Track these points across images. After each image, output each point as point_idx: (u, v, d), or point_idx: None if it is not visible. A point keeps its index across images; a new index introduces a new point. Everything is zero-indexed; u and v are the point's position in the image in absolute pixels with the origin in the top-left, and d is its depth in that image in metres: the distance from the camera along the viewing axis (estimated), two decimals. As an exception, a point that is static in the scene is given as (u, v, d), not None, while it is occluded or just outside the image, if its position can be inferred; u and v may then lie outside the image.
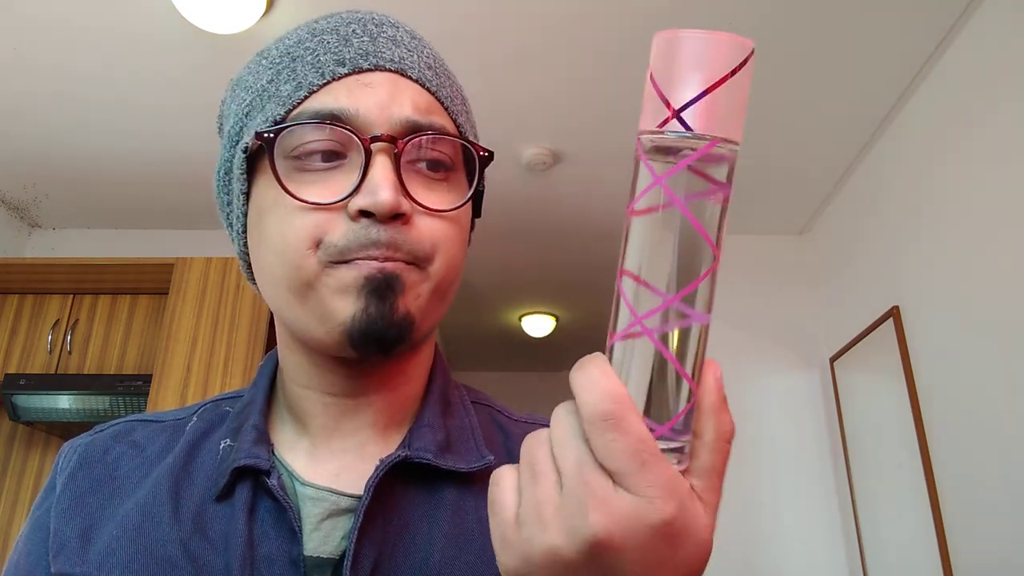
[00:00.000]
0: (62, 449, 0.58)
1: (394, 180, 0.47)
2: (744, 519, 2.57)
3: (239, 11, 1.83)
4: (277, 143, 0.49)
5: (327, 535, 0.49)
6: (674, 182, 0.32)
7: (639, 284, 0.33)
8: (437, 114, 0.52)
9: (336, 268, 0.48)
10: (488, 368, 5.03)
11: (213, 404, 0.61)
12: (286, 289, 0.50)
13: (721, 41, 0.32)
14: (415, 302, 0.49)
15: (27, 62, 2.09)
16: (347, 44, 0.51)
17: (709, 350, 0.34)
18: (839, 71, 2.12)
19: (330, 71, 0.50)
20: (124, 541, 0.49)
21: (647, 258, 0.33)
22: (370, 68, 0.51)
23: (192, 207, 2.83)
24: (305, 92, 0.50)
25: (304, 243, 0.48)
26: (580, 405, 0.32)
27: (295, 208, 0.48)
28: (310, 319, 0.49)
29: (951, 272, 1.99)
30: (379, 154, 0.48)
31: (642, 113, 0.33)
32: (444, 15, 1.93)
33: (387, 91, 0.50)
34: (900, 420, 2.19)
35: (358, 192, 0.47)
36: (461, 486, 0.52)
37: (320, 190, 0.48)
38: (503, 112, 2.29)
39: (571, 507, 0.31)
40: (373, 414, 0.54)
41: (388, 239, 0.47)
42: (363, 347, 0.48)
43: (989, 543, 1.81)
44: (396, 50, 0.52)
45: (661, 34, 0.33)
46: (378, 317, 0.47)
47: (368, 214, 0.47)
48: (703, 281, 0.32)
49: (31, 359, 2.54)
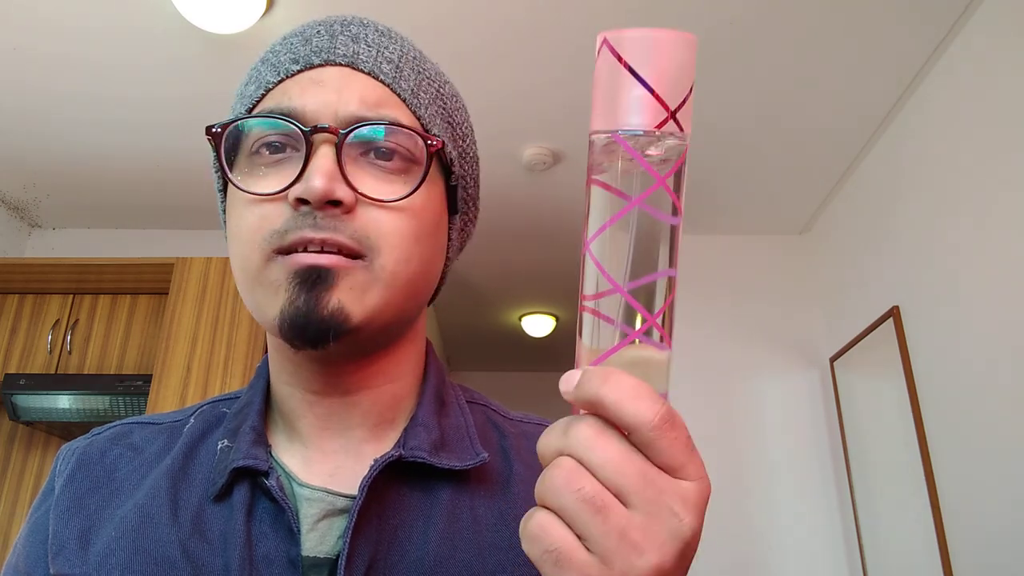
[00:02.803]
0: (60, 452, 0.59)
1: (330, 168, 0.47)
2: (744, 519, 2.57)
3: (239, 11, 1.83)
4: (228, 140, 0.51)
5: (323, 535, 0.50)
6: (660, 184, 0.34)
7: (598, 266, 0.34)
8: (390, 107, 0.52)
9: (276, 260, 0.48)
10: (488, 368, 5.03)
11: (210, 405, 0.61)
12: (240, 279, 0.51)
13: (666, 38, 0.33)
14: (352, 297, 0.48)
15: (27, 62, 2.09)
16: (306, 43, 0.53)
17: (710, 352, 0.35)
18: (839, 71, 2.12)
19: (284, 69, 0.52)
20: (123, 542, 0.49)
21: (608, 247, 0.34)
22: (321, 63, 0.52)
23: (192, 207, 2.83)
24: (263, 90, 0.52)
25: (251, 234, 0.49)
26: (630, 415, 0.32)
27: (246, 201, 0.50)
28: (257, 309, 0.50)
29: (951, 272, 1.99)
30: (321, 144, 0.48)
31: (618, 111, 0.33)
32: (445, 15, 1.93)
33: (335, 86, 0.51)
34: (900, 420, 2.19)
35: (298, 181, 0.48)
36: (456, 484, 0.52)
37: (268, 182, 0.49)
38: (503, 112, 2.29)
39: (660, 520, 0.32)
40: (360, 414, 0.54)
41: (326, 224, 0.47)
42: (292, 339, 0.48)
43: (989, 543, 1.81)
44: (352, 46, 0.53)
45: (609, 34, 0.34)
46: (304, 309, 0.47)
47: (305, 201, 0.47)
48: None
49: (31, 359, 2.55)
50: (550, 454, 0.34)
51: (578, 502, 0.32)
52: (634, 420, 0.32)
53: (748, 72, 2.13)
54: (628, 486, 0.32)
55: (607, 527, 0.31)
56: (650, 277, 0.34)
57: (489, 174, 2.69)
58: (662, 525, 0.32)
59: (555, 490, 0.32)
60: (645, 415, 0.32)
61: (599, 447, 0.32)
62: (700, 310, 2.86)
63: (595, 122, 0.34)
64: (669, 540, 0.32)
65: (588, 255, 0.34)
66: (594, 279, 0.34)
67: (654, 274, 0.34)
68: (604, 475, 0.32)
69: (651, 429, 0.32)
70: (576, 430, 0.33)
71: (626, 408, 0.32)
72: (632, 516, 0.31)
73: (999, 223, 1.80)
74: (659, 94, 0.33)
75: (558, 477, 0.32)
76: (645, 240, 0.34)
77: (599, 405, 0.32)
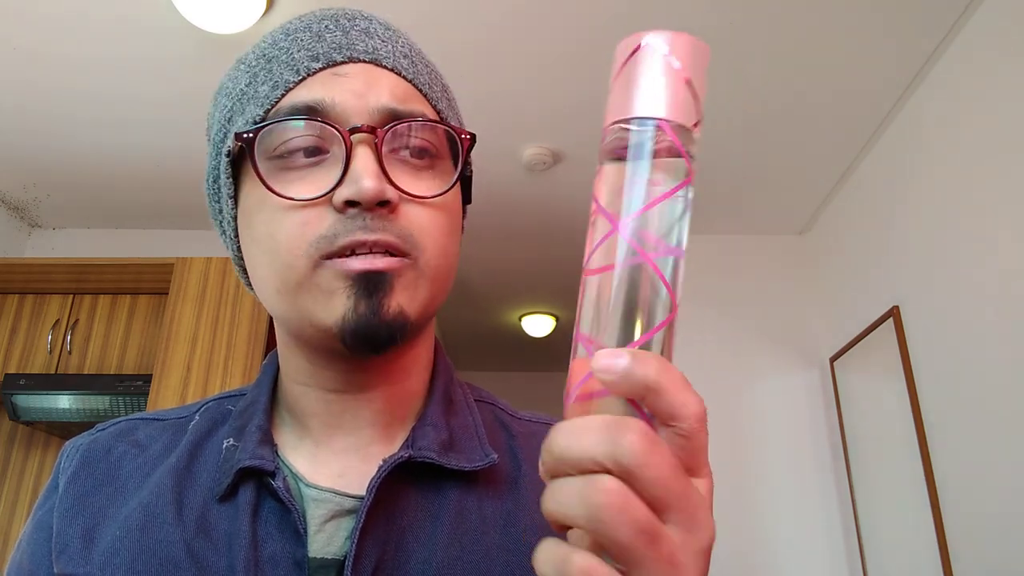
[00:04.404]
0: (64, 448, 0.58)
1: (377, 168, 0.47)
2: (744, 519, 2.57)
3: (239, 11, 1.83)
4: (257, 143, 0.49)
5: (331, 536, 0.49)
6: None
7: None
8: (416, 101, 0.52)
9: (325, 266, 0.47)
10: (488, 368, 5.03)
11: (216, 402, 0.60)
12: (278, 289, 0.49)
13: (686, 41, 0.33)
14: (407, 296, 0.48)
15: (28, 62, 2.08)
16: (320, 40, 0.51)
17: (710, 352, 0.34)
18: (839, 71, 2.12)
19: (304, 67, 0.50)
20: (127, 542, 0.49)
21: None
22: (344, 60, 0.51)
23: (192, 207, 2.83)
24: (282, 90, 0.50)
25: (293, 241, 0.48)
26: (680, 405, 0.30)
27: (281, 207, 0.48)
28: (303, 319, 0.49)
29: (951, 272, 1.99)
30: (360, 145, 0.48)
31: (660, 103, 0.32)
32: (445, 13, 1.93)
33: (363, 80, 0.50)
34: (900, 420, 2.19)
35: (342, 183, 0.47)
36: (464, 485, 0.52)
37: (305, 186, 0.48)
38: (503, 112, 2.29)
39: (695, 535, 0.30)
40: (374, 412, 0.54)
41: (376, 226, 0.47)
42: (355, 347, 0.48)
43: (989, 543, 1.81)
44: (369, 41, 0.52)
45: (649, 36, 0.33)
46: (369, 315, 0.46)
47: (354, 203, 0.47)
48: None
49: (31, 359, 2.54)
50: (581, 462, 0.29)
51: (634, 535, 0.28)
52: (686, 411, 0.30)
53: (748, 72, 2.13)
54: (673, 504, 0.29)
55: (659, 555, 0.28)
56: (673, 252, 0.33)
57: (489, 174, 2.70)
58: (696, 539, 0.30)
59: (607, 521, 0.28)
60: (695, 407, 0.30)
61: (654, 463, 0.29)
62: (700, 310, 2.86)
63: (623, 110, 0.33)
64: (702, 553, 0.30)
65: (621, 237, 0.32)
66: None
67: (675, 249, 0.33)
68: (654, 494, 0.29)
69: (697, 421, 0.30)
70: (629, 438, 0.28)
71: (678, 397, 0.30)
72: (674, 535, 0.29)
73: (999, 223, 1.80)
74: (699, 97, 0.33)
75: (612, 505, 0.28)
76: (674, 228, 0.33)
77: (657, 391, 0.30)
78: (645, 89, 0.32)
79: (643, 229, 0.32)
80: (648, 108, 0.32)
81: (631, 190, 0.32)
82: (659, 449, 0.29)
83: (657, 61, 0.33)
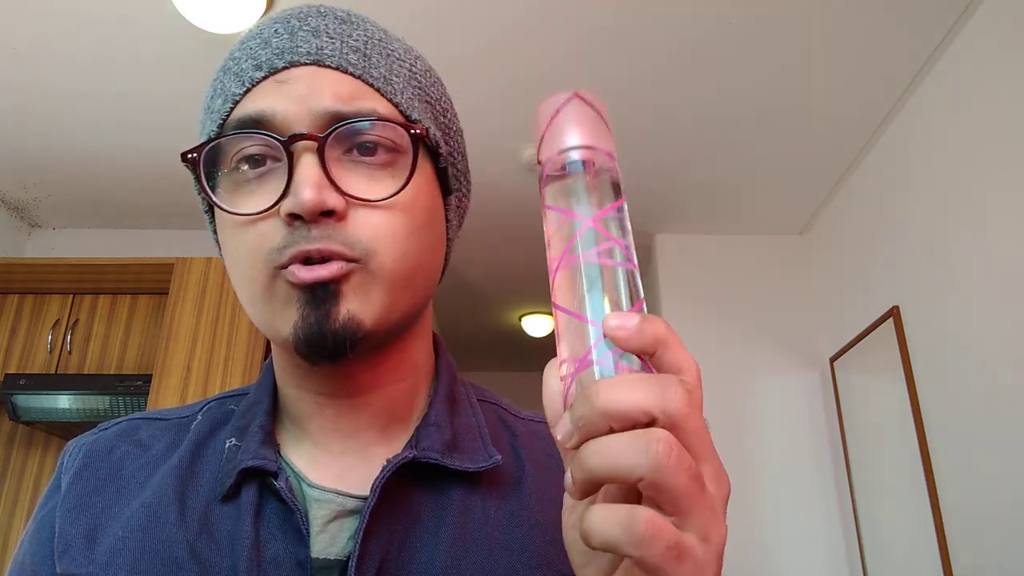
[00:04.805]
0: (67, 447, 0.58)
1: (317, 178, 0.46)
2: (744, 519, 2.57)
3: (239, 11, 1.83)
4: (209, 159, 0.49)
5: (334, 537, 0.49)
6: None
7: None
8: (365, 98, 0.49)
9: (280, 276, 0.47)
10: (488, 368, 5.02)
11: (218, 402, 0.60)
12: (248, 301, 0.50)
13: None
14: (358, 303, 0.47)
15: (28, 63, 2.09)
16: (266, 46, 0.50)
17: (709, 352, 0.36)
18: (839, 71, 2.13)
19: (248, 77, 0.49)
20: (130, 542, 0.49)
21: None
22: (285, 66, 0.49)
23: (192, 207, 2.80)
24: (231, 104, 0.49)
25: (253, 254, 0.48)
26: (685, 358, 0.33)
27: (237, 222, 0.48)
28: (268, 328, 0.49)
29: (951, 272, 1.99)
30: (304, 153, 0.46)
31: (597, 137, 0.37)
32: (444, 14, 1.93)
33: (305, 86, 0.48)
34: (900, 420, 2.19)
35: (286, 195, 0.46)
36: (468, 486, 0.52)
37: (257, 200, 0.47)
38: (503, 112, 2.29)
39: (720, 483, 0.33)
40: (370, 416, 0.54)
41: (320, 235, 0.46)
42: (309, 356, 0.47)
43: (989, 543, 1.81)
44: (314, 41, 0.50)
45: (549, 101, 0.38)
46: (316, 325, 0.46)
47: (298, 216, 0.46)
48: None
49: (31, 359, 2.54)
50: (632, 414, 0.30)
51: (690, 480, 0.30)
52: (688, 364, 0.33)
53: (748, 72, 2.13)
54: (706, 455, 0.31)
55: (705, 503, 0.30)
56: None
57: (489, 174, 2.70)
58: (721, 490, 0.33)
59: (668, 469, 0.29)
60: (694, 363, 0.33)
61: (694, 414, 0.31)
62: (700, 310, 2.86)
63: (553, 146, 0.37)
64: (724, 503, 0.33)
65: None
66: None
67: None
68: (693, 444, 0.31)
69: (697, 376, 0.33)
70: (674, 390, 0.30)
71: (682, 352, 0.33)
72: (708, 486, 0.31)
73: (999, 223, 1.80)
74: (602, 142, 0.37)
75: (671, 453, 0.29)
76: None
77: (663, 344, 0.32)
78: (557, 132, 0.37)
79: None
80: (559, 144, 0.37)
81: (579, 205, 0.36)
82: (696, 402, 0.31)
83: (581, 109, 0.37)
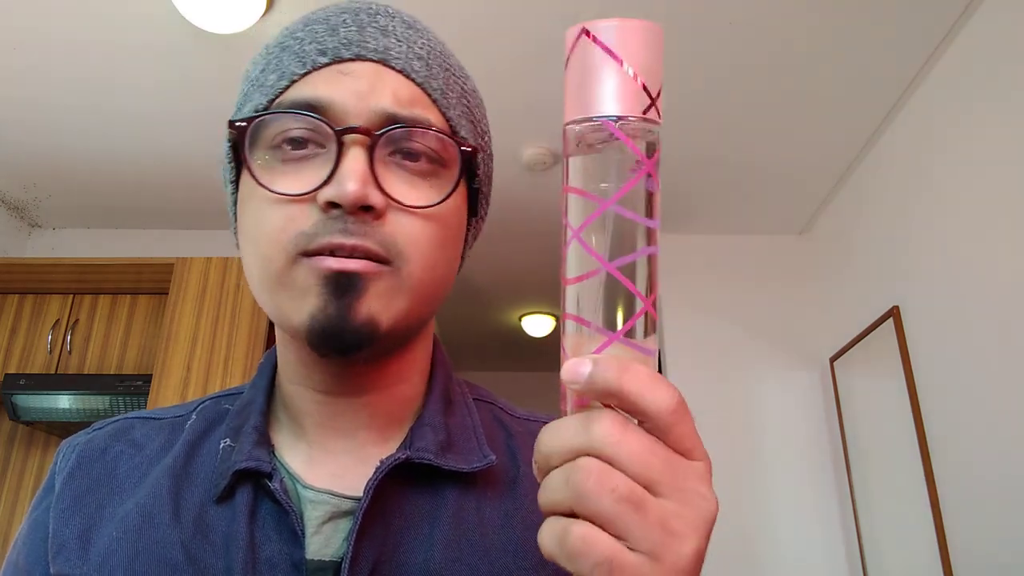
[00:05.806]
0: (60, 447, 0.58)
1: (363, 172, 0.46)
2: (743, 519, 2.57)
3: (239, 11, 1.83)
4: (255, 133, 0.48)
5: (328, 538, 0.49)
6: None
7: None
8: (422, 107, 0.50)
9: (301, 263, 0.46)
10: (488, 368, 5.02)
11: (213, 401, 0.60)
12: (259, 281, 0.49)
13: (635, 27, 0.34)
14: (381, 304, 0.47)
15: (28, 63, 2.08)
16: (334, 34, 0.50)
17: (709, 352, 0.35)
18: (838, 71, 2.12)
19: (311, 60, 0.49)
20: (124, 543, 0.49)
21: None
22: (351, 57, 0.49)
23: (192, 207, 2.83)
24: (287, 82, 0.49)
25: (275, 234, 0.47)
26: (650, 402, 0.32)
27: (268, 199, 0.48)
28: (280, 315, 0.49)
29: (951, 272, 1.99)
30: (353, 146, 0.46)
31: (603, 98, 0.34)
32: (445, 16, 1.93)
33: (367, 81, 0.48)
34: (900, 420, 2.19)
35: (328, 183, 0.46)
36: (462, 485, 0.52)
37: (295, 181, 0.47)
38: (503, 112, 2.29)
39: (692, 504, 0.32)
40: (368, 415, 0.53)
41: (356, 230, 0.46)
42: (320, 348, 0.47)
43: (989, 543, 1.81)
44: (383, 40, 0.50)
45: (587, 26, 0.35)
46: (336, 317, 0.45)
47: (336, 205, 0.46)
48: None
49: (31, 359, 2.54)
50: (563, 454, 0.32)
51: (616, 503, 0.30)
52: (654, 408, 0.32)
53: (748, 72, 2.13)
54: (657, 476, 0.31)
55: (649, 521, 0.31)
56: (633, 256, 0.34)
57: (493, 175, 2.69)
58: (694, 508, 0.32)
59: (588, 494, 0.31)
60: (665, 402, 0.32)
61: (626, 441, 0.31)
62: (700, 310, 2.86)
63: (574, 111, 0.35)
64: (702, 521, 0.32)
65: (576, 241, 0.35)
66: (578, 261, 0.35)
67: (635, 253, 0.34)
68: (634, 470, 0.31)
69: (670, 415, 0.32)
70: (599, 426, 0.31)
71: (646, 397, 0.32)
72: (666, 505, 0.31)
73: (999, 223, 1.80)
74: (643, 81, 0.33)
75: (588, 480, 0.31)
76: (628, 226, 0.35)
77: (619, 394, 0.32)
78: (579, 88, 0.34)
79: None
80: (580, 109, 0.35)
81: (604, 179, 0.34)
82: (631, 430, 0.32)
83: (590, 53, 0.34)
